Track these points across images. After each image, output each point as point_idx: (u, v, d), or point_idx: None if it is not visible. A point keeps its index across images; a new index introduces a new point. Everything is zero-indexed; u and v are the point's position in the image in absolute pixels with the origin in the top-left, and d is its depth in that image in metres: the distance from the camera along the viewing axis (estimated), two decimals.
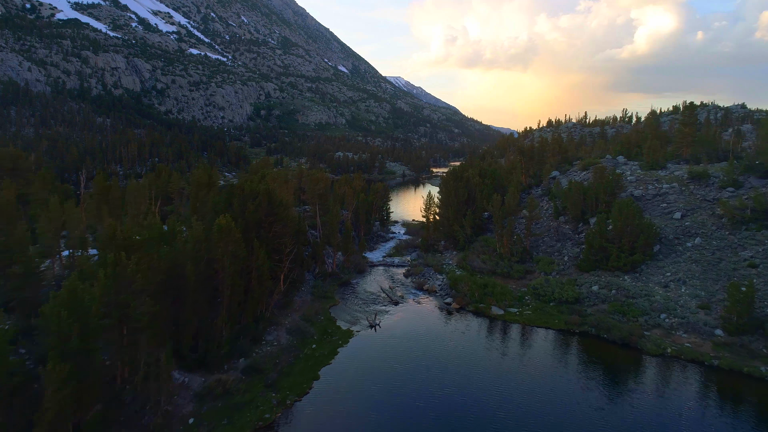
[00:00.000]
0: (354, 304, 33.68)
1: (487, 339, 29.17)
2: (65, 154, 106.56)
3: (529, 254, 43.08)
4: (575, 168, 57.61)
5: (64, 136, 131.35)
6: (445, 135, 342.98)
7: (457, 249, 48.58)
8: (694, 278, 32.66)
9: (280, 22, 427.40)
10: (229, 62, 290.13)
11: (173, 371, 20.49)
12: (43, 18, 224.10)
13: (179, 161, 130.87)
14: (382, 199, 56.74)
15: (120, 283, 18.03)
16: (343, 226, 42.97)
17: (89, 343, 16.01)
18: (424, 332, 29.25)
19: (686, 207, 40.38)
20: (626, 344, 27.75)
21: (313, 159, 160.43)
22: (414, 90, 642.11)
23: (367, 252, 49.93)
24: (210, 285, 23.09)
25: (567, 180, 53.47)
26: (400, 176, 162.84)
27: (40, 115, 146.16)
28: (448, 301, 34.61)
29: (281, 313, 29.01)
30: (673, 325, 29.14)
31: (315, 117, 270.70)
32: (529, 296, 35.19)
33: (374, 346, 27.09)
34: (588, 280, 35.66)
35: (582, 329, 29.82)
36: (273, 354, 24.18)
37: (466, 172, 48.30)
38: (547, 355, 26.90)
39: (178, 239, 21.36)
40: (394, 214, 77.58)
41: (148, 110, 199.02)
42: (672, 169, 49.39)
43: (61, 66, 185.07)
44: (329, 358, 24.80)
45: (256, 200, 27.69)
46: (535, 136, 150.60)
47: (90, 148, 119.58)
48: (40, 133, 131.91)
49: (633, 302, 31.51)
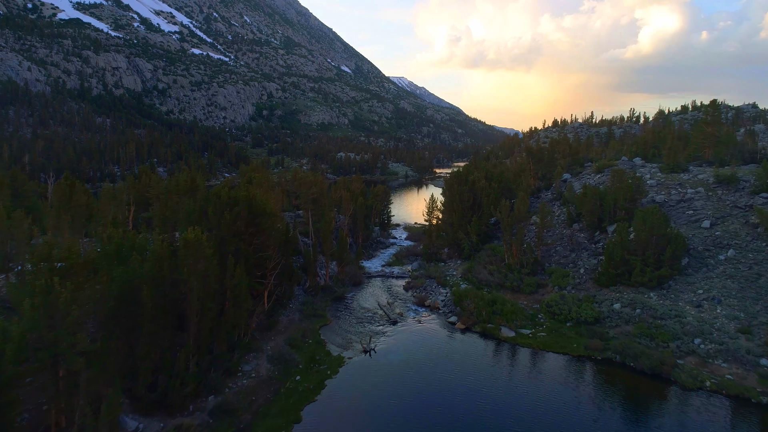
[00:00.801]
0: (348, 324, 30.32)
1: (497, 368, 25.71)
2: (61, 154, 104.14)
3: (541, 265, 39.50)
4: (588, 170, 53.98)
5: (62, 137, 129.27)
6: (449, 135, 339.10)
7: (462, 258, 45.10)
8: (731, 297, 28.96)
9: (283, 22, 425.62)
10: (232, 62, 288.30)
11: (124, 416, 17.25)
12: (45, 18, 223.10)
13: (178, 162, 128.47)
14: (382, 202, 53.34)
15: (53, 315, 14.81)
16: (338, 233, 39.64)
17: (1, 396, 12.78)
18: (425, 359, 25.82)
19: (715, 215, 36.62)
20: (657, 375, 24.20)
21: (315, 159, 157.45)
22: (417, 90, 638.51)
23: (365, 260, 46.57)
24: (175, 310, 19.83)
25: (580, 183, 49.84)
26: (403, 177, 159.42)
27: (38, 115, 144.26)
28: (453, 320, 31.15)
29: (263, 336, 25.73)
30: (710, 352, 25.51)
31: (317, 117, 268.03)
32: (543, 315, 31.65)
33: (368, 376, 23.72)
34: (608, 296, 32.05)
35: (605, 355, 26.26)
36: (249, 389, 20.87)
37: (471, 175, 44.70)
38: (567, 389, 23.37)
39: (134, 257, 18.11)
40: (395, 217, 74.19)
41: (149, 110, 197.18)
42: (695, 172, 45.58)
43: (61, 66, 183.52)
44: (314, 393, 21.45)
45: (235, 209, 24.42)
46: (541, 136, 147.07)
47: (87, 148, 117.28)
48: (38, 133, 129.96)
49: (662, 324, 27.89)
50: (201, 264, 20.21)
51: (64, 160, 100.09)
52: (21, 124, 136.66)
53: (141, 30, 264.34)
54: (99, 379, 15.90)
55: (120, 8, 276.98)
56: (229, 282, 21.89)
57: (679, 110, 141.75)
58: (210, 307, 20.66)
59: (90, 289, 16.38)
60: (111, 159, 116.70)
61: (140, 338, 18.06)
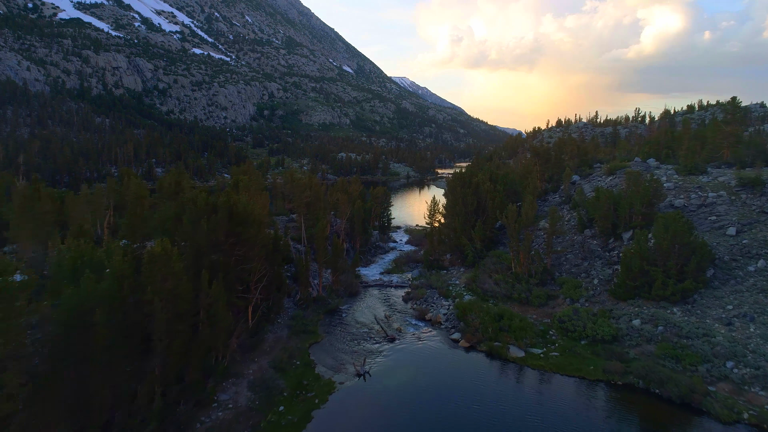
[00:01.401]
0: (341, 341, 27.74)
1: (506, 395, 23.04)
2: (57, 155, 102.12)
3: (551, 274, 36.78)
4: (598, 172, 51.24)
5: (60, 137, 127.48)
6: (451, 135, 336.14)
7: (466, 265, 42.43)
8: (765, 313, 26.17)
9: (285, 22, 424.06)
10: (233, 62, 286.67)
11: None
12: (45, 17, 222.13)
13: (177, 162, 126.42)
14: (382, 204, 50.78)
15: None
16: (333, 239, 37.07)
17: None
18: (425, 385, 23.21)
19: (741, 221, 33.78)
20: (686, 404, 21.48)
21: (315, 160, 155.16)
22: (419, 90, 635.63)
23: (363, 267, 44.00)
24: (138, 336, 17.34)
25: (591, 186, 47.09)
26: (404, 177, 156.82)
27: (36, 115, 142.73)
28: (456, 336, 28.50)
29: (245, 358, 23.20)
30: (745, 377, 22.75)
31: (319, 117, 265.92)
32: (555, 331, 28.95)
33: (360, 406, 21.14)
34: (626, 311, 29.31)
35: (626, 380, 23.55)
36: (224, 424, 18.34)
37: (475, 177, 41.99)
38: (584, 419, 20.69)
39: (86, 276, 15.62)
40: (396, 219, 71.67)
41: (149, 110, 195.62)
42: (714, 174, 42.71)
43: (61, 65, 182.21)
44: (299, 427, 18.90)
45: (213, 217, 21.91)
46: (545, 136, 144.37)
47: (85, 148, 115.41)
48: (36, 133, 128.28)
49: (688, 344, 25.15)
50: (169, 282, 17.72)
51: (60, 160, 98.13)
52: (19, 124, 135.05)
53: (142, 30, 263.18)
54: (36, 425, 13.39)
55: (121, 8, 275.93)
56: (203, 301, 19.38)
57: (685, 110, 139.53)
58: (180, 330, 18.15)
59: (29, 316, 13.90)
60: (109, 159, 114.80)
61: (94, 370, 15.56)
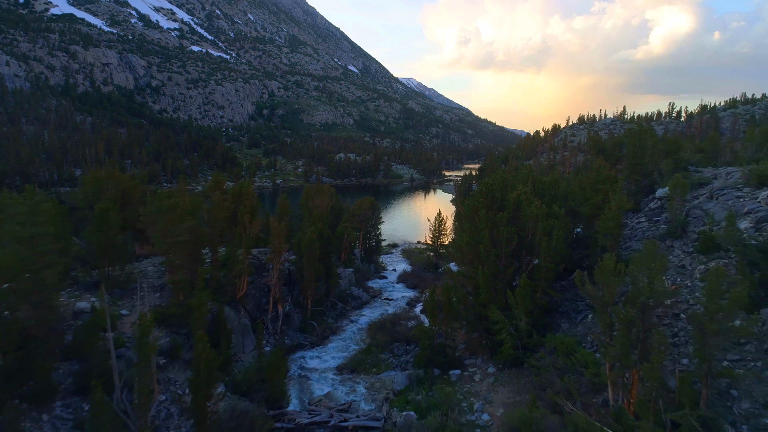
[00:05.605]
0: None
1: None
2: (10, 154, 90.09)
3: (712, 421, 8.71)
4: (724, 181, 21.50)
5: (31, 135, 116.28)
6: (458, 136, 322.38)
7: (497, 360, 17.23)
8: None
9: (289, 21, 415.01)
10: (232, 60, 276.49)
11: None
12: (36, 12, 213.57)
13: (155, 163, 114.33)
14: (368, 223, 36.64)
15: None
16: (216, 319, 15.94)
17: None
18: None
19: None
20: None
21: (310, 161, 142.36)
22: (426, 91, 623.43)
23: (309, 350, 21.30)
24: None
25: (719, 207, 18.91)
26: (408, 180, 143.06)
27: (9, 112, 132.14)
28: None
29: None
30: None
31: (321, 117, 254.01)
32: None
33: None
34: None
35: None
36: None
37: (510, 191, 18.61)
38: None
39: None
40: (394, 232, 58.16)
41: (140, 109, 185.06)
42: None
43: (45, 61, 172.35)
44: None
45: None
46: (567, 134, 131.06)
47: (50, 147, 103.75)
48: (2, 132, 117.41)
49: None
50: None
51: (11, 160, 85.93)
52: None
53: (138, 27, 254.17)
54: None
55: (118, 4, 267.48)
56: None
57: (725, 104, 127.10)
58: None
59: None
60: (74, 160, 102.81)
61: None
